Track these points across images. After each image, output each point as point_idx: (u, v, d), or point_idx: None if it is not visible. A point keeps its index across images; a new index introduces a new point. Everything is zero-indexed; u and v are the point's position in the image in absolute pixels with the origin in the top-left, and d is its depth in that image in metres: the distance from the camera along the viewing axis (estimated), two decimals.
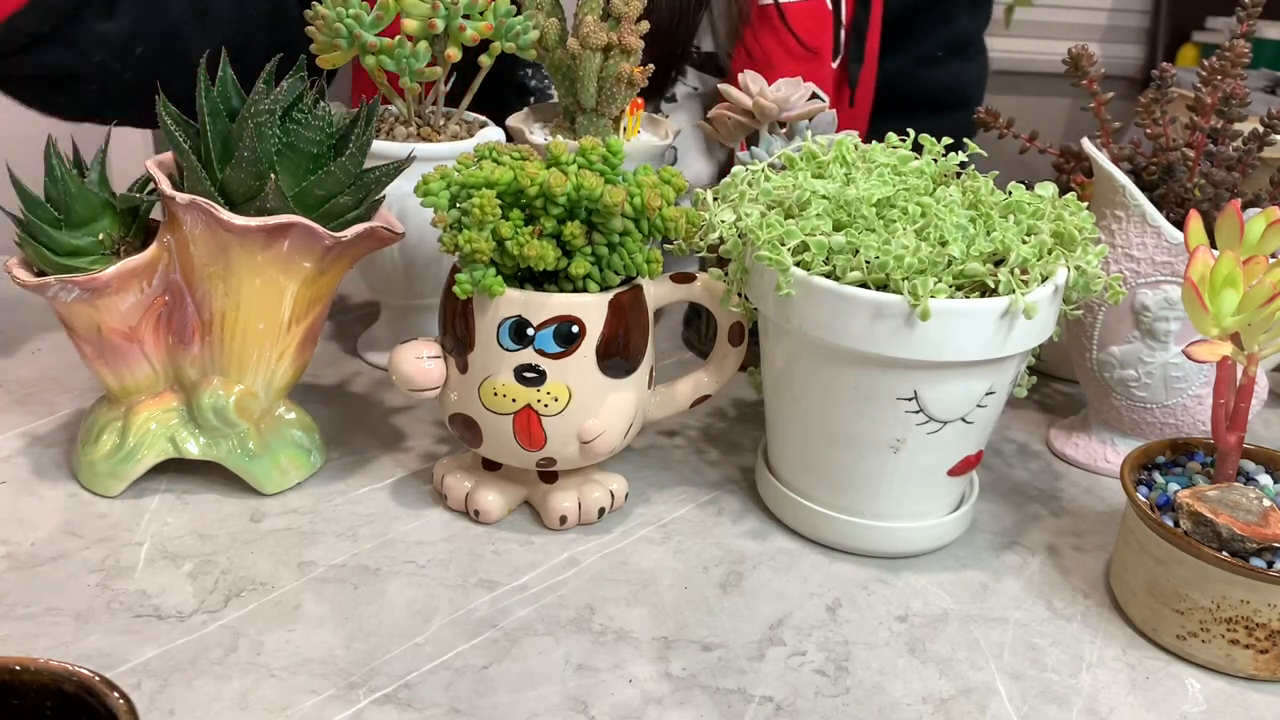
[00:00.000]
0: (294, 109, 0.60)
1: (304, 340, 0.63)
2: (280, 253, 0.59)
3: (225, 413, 0.61)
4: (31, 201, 0.58)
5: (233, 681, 0.50)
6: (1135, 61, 2.95)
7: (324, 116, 0.59)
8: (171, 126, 0.59)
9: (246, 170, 0.57)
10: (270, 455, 0.64)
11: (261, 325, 0.61)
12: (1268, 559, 0.53)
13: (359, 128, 0.60)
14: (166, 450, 0.63)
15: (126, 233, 0.61)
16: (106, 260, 0.60)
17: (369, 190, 0.61)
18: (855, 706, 0.52)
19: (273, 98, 0.58)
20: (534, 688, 0.51)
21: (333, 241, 0.59)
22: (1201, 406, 0.68)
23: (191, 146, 0.59)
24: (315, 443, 0.67)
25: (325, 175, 0.59)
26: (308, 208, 0.59)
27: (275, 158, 0.59)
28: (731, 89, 0.76)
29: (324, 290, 0.63)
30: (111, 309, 0.59)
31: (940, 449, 0.59)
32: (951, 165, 0.64)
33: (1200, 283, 0.55)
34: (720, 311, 0.64)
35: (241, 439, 0.63)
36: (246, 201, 0.58)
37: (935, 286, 0.54)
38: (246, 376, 0.62)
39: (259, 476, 0.63)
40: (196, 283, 0.60)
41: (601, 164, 0.57)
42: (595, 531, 0.63)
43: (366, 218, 0.62)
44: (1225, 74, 0.66)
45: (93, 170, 0.60)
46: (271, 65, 0.59)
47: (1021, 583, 0.62)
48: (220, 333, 0.60)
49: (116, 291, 0.59)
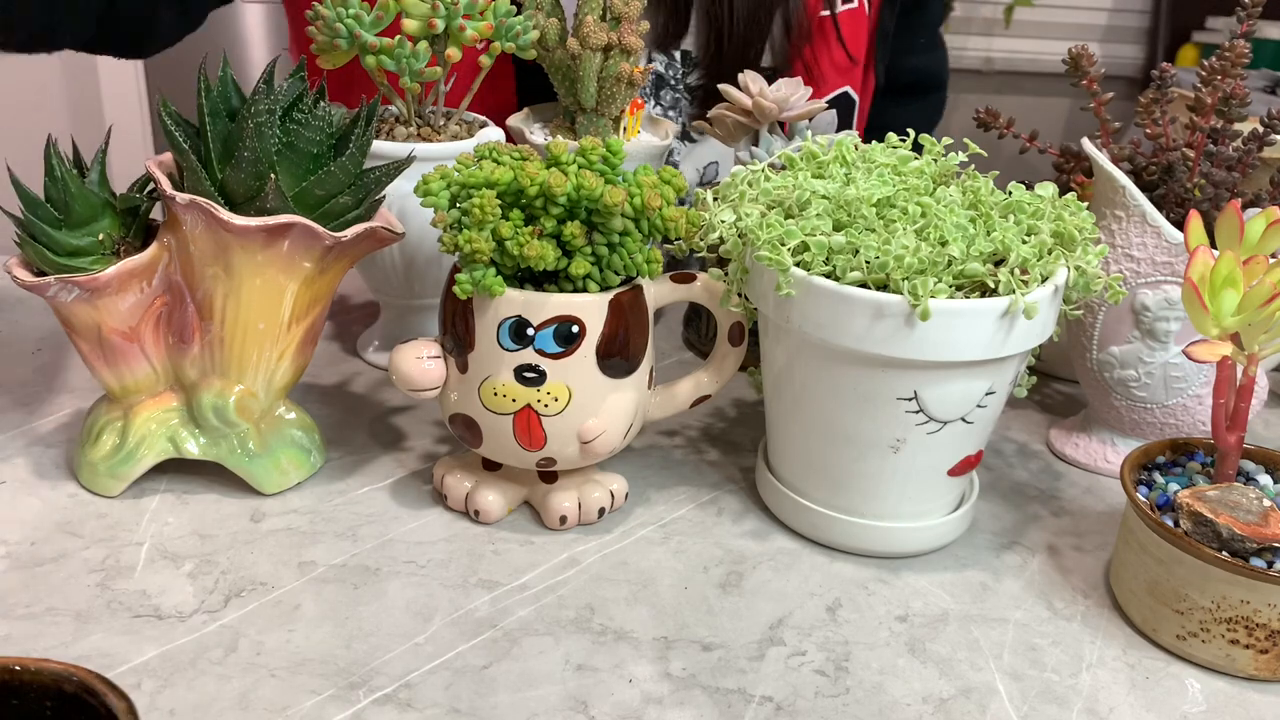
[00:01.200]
0: (294, 109, 0.60)
1: (304, 340, 0.63)
2: (280, 253, 0.59)
3: (225, 413, 0.61)
4: (31, 201, 0.58)
5: (233, 681, 0.50)
6: (1135, 61, 2.95)
7: (324, 116, 0.59)
8: (171, 126, 0.58)
9: (246, 170, 0.57)
10: (270, 455, 0.64)
11: (261, 325, 0.60)
12: (1268, 559, 0.53)
13: (359, 128, 0.60)
14: (167, 450, 0.63)
15: (126, 233, 0.61)
16: (106, 260, 0.59)
17: (369, 190, 0.61)
18: (855, 706, 0.52)
19: (273, 97, 0.58)
20: (534, 688, 0.51)
21: (333, 241, 0.59)
22: (1201, 406, 0.68)
23: (191, 146, 0.59)
24: (315, 443, 0.67)
25: (325, 175, 0.59)
26: (308, 208, 0.59)
27: (275, 158, 0.59)
28: (731, 89, 0.76)
29: (324, 290, 0.63)
30: (111, 309, 0.59)
31: (940, 449, 0.59)
32: (951, 165, 0.64)
33: (1200, 283, 0.55)
34: (720, 311, 0.64)
35: (242, 439, 0.63)
36: (246, 201, 0.58)
37: (935, 286, 0.54)
38: (246, 376, 0.61)
39: (259, 476, 0.63)
40: (197, 283, 0.60)
41: (601, 164, 0.57)
42: (595, 531, 0.63)
43: (366, 218, 0.62)
44: (1225, 74, 0.67)
45: (93, 170, 0.60)
46: (270, 65, 0.59)
47: (1021, 583, 0.62)
48: (220, 333, 0.60)
49: (116, 292, 0.59)
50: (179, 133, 0.59)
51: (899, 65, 1.14)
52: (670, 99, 0.96)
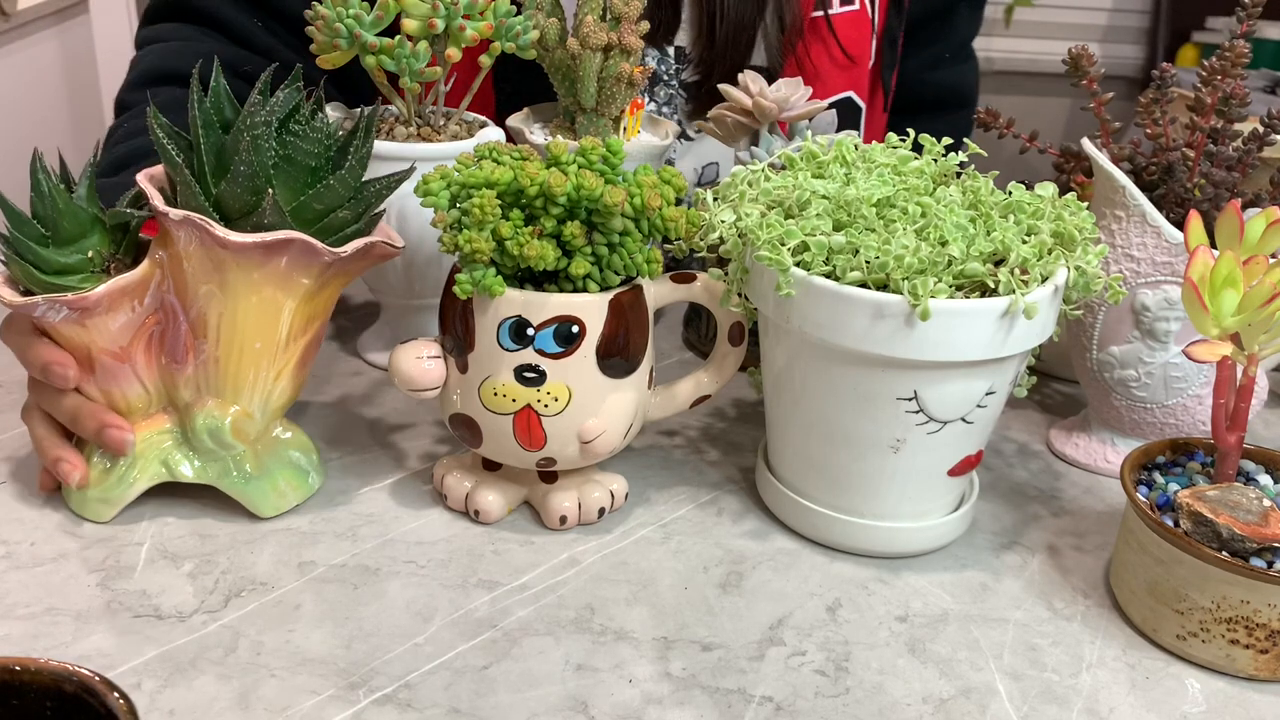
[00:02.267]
0: (290, 120, 0.57)
1: (302, 358, 0.61)
2: (278, 269, 0.56)
3: (220, 434, 0.59)
4: (17, 218, 0.56)
5: (233, 681, 0.50)
6: (1135, 61, 2.95)
7: (322, 127, 0.57)
8: (163, 139, 0.56)
9: (242, 184, 0.55)
10: (268, 477, 0.62)
11: (258, 344, 0.58)
12: (1268, 559, 0.53)
13: (358, 139, 0.58)
14: (160, 474, 0.61)
15: (117, 250, 0.59)
16: (96, 279, 0.57)
17: (369, 204, 0.59)
18: (855, 706, 0.52)
19: (269, 109, 0.56)
20: (534, 688, 0.51)
21: (332, 258, 0.57)
22: (1201, 406, 0.68)
23: (184, 159, 0.56)
24: (314, 463, 0.65)
25: (324, 189, 0.57)
26: (306, 222, 0.57)
27: (272, 171, 0.56)
28: (731, 89, 0.76)
29: (322, 307, 0.61)
30: (102, 329, 0.57)
31: (940, 449, 0.59)
32: (951, 165, 0.64)
33: (1200, 283, 0.55)
34: (720, 311, 0.64)
35: (238, 461, 0.61)
36: (243, 217, 0.56)
37: (935, 286, 0.54)
38: (242, 397, 0.59)
39: (256, 500, 0.61)
40: (190, 301, 0.58)
41: (601, 164, 0.57)
42: (595, 531, 0.63)
43: (366, 232, 0.60)
44: (1225, 74, 0.67)
45: (81, 185, 0.58)
46: (266, 75, 0.57)
47: (1021, 583, 0.62)
48: (215, 352, 0.58)
49: (107, 311, 0.57)
50: (171, 145, 0.56)
51: (921, 79, 1.11)
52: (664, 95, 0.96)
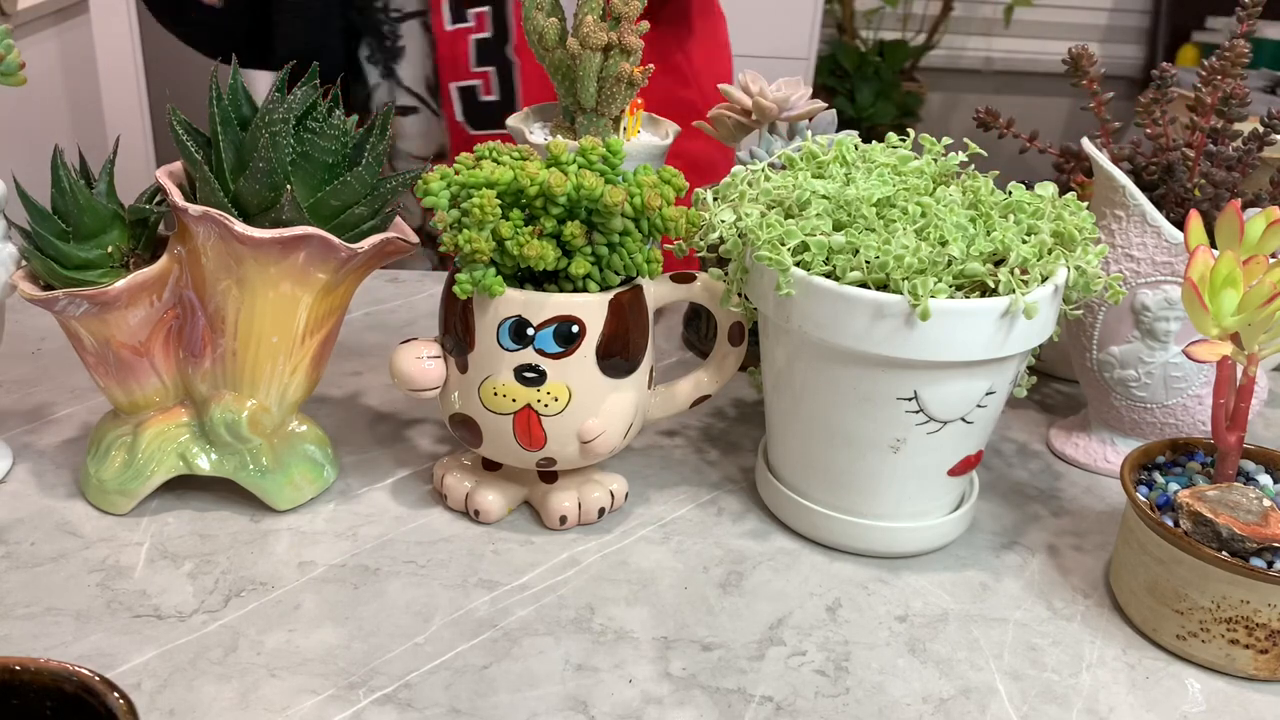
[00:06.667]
0: (308, 117, 0.58)
1: (318, 353, 0.62)
2: (295, 265, 0.57)
3: (238, 428, 0.60)
4: (38, 214, 0.57)
5: (233, 681, 0.50)
6: (1135, 61, 2.95)
7: (339, 125, 0.58)
8: (182, 135, 0.57)
9: (261, 181, 0.56)
10: (284, 471, 0.62)
11: (275, 338, 0.59)
12: (1268, 559, 0.53)
13: (374, 136, 0.59)
14: (177, 467, 0.61)
15: (136, 245, 0.60)
16: (116, 273, 0.58)
17: (385, 200, 0.60)
18: (855, 706, 0.52)
19: (286, 105, 0.57)
20: (534, 688, 0.51)
21: (349, 254, 0.57)
22: (1201, 406, 0.68)
23: (203, 156, 0.57)
24: (328, 456, 0.65)
25: (341, 185, 0.57)
26: (323, 219, 0.58)
27: (290, 168, 0.57)
28: (731, 89, 0.76)
29: (339, 302, 0.61)
30: (121, 323, 0.58)
31: (940, 449, 0.59)
32: (951, 165, 0.64)
33: (1200, 283, 0.55)
34: (720, 311, 0.64)
35: (254, 454, 0.62)
36: (261, 213, 0.56)
37: (935, 286, 0.54)
38: (259, 391, 0.60)
39: (272, 493, 0.62)
40: (208, 296, 0.59)
41: (601, 164, 0.57)
42: (595, 531, 0.63)
43: (382, 228, 0.60)
44: (1225, 74, 0.66)
45: (101, 181, 0.59)
46: (283, 73, 0.58)
47: (1021, 583, 0.62)
48: (232, 346, 0.59)
49: (126, 305, 0.58)
50: (190, 142, 0.57)
51: None
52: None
